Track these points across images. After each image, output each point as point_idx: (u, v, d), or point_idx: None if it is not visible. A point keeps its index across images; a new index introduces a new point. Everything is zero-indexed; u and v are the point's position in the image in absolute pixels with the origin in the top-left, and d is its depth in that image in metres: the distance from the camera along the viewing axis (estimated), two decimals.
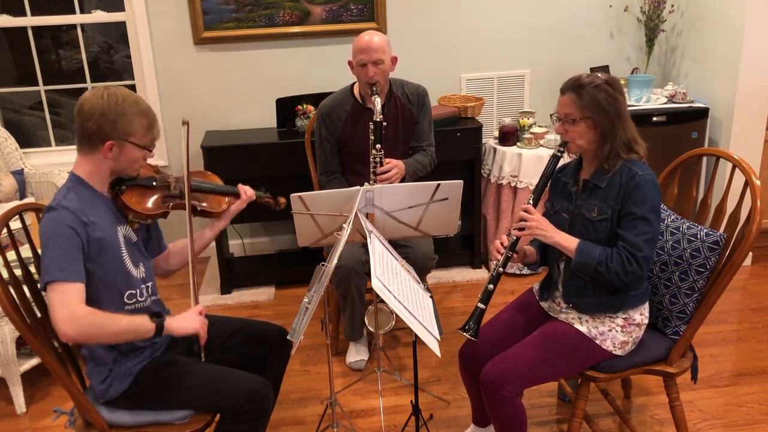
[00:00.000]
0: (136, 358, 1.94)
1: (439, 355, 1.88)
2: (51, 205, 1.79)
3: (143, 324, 1.80)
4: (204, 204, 2.12)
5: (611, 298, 2.05)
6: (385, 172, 2.69)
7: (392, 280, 1.87)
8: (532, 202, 2.08)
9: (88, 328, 1.71)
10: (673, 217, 2.21)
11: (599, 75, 2.00)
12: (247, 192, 2.19)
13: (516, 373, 2.00)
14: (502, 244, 2.10)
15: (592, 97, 1.96)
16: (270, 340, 2.16)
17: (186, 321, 1.87)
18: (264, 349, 2.15)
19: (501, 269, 2.08)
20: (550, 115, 2.09)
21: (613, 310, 2.06)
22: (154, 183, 2.00)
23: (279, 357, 2.18)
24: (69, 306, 1.70)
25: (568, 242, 2.01)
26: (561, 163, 2.16)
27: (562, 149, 2.08)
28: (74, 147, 1.87)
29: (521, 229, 2.05)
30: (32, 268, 2.04)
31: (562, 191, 2.16)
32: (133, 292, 1.93)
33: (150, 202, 1.97)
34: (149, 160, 1.98)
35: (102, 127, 1.79)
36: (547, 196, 2.23)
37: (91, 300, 1.81)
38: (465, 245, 3.99)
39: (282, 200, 2.34)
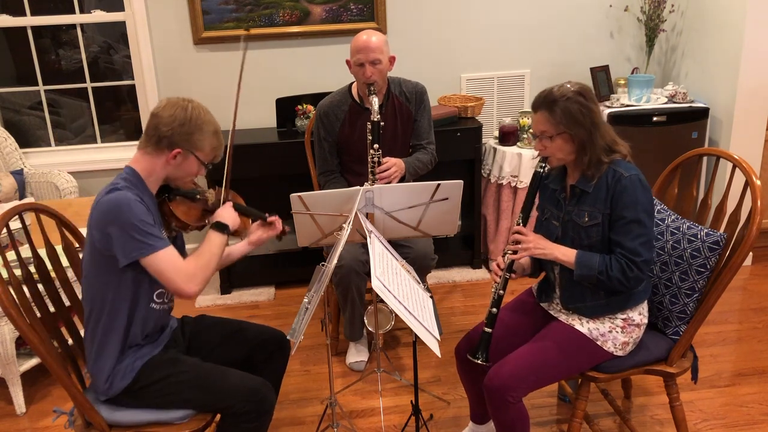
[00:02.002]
0: (137, 353, 1.94)
1: (439, 355, 1.88)
2: (113, 187, 1.83)
3: (218, 238, 1.95)
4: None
5: (610, 300, 2.04)
6: (384, 171, 2.69)
7: (392, 280, 1.87)
8: (521, 222, 2.08)
9: (202, 276, 1.88)
10: (673, 217, 2.21)
11: (568, 86, 1.97)
12: (277, 224, 2.20)
13: (520, 379, 2.00)
14: (498, 266, 2.09)
15: (565, 112, 1.93)
16: (269, 345, 2.15)
17: (232, 217, 2.02)
18: (263, 353, 2.15)
19: (501, 292, 2.08)
20: (527, 131, 2.09)
21: (612, 311, 2.06)
22: (198, 196, 2.06)
23: (278, 361, 2.18)
24: (181, 269, 1.83)
25: (567, 255, 2.01)
26: None
27: (543, 165, 2.06)
28: (73, 147, 1.89)
29: (516, 251, 2.05)
30: (32, 268, 2.04)
31: (550, 198, 2.15)
32: (162, 291, 1.97)
33: (195, 214, 2.03)
34: None
35: (176, 135, 1.87)
36: (537, 202, 2.23)
37: (125, 290, 1.86)
38: (465, 245, 3.99)
39: (287, 228, 2.33)
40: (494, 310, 2.07)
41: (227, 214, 2.02)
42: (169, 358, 1.98)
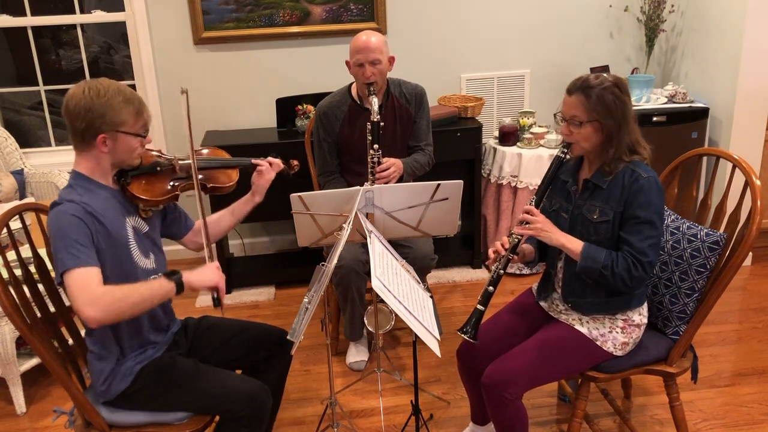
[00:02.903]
0: (137, 357, 1.94)
1: (439, 355, 1.88)
2: (55, 201, 1.79)
3: (162, 286, 1.77)
4: (213, 180, 2.11)
5: (610, 299, 2.04)
6: (383, 171, 2.68)
7: (392, 280, 1.87)
8: (534, 203, 2.06)
9: (110, 306, 1.69)
10: (673, 217, 2.21)
11: (606, 76, 1.96)
12: (272, 163, 2.18)
13: (518, 376, 1.99)
14: (502, 245, 2.07)
15: (600, 99, 1.92)
16: (271, 344, 2.15)
17: (205, 274, 1.85)
18: (265, 352, 2.14)
19: (502, 271, 2.06)
20: (554, 115, 2.07)
21: (612, 312, 2.06)
22: (159, 168, 1.98)
23: (280, 360, 2.17)
24: (87, 290, 1.68)
25: (573, 245, 1.99)
26: None
27: (566, 150, 2.04)
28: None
29: (524, 230, 2.03)
30: (32, 268, 2.04)
31: (560, 190, 2.14)
32: None
33: (158, 188, 1.96)
34: (150, 146, 1.97)
35: (91, 123, 1.77)
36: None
37: None
38: (465, 245, 3.99)
39: (294, 162, 2.30)
40: (491, 288, 2.04)
41: (200, 275, 1.84)
42: (166, 362, 1.97)
